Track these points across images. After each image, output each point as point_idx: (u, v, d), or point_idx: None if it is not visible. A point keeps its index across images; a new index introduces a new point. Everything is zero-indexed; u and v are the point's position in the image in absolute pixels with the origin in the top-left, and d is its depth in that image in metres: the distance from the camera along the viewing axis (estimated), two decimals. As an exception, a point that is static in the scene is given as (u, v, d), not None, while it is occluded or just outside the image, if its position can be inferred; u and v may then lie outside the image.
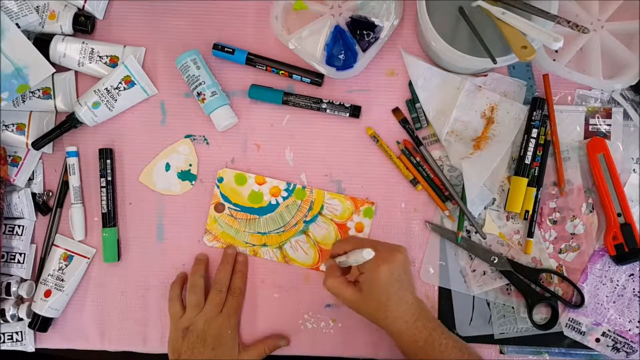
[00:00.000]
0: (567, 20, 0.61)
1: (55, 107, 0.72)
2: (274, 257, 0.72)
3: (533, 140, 0.69)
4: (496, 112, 0.71)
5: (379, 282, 0.61)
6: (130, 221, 0.74)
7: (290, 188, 0.72)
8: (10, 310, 0.71)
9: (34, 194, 0.73)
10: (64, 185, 0.73)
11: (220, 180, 0.73)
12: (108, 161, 0.72)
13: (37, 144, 0.70)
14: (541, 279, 0.70)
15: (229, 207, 0.73)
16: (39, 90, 0.71)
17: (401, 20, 0.71)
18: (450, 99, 0.71)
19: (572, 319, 0.70)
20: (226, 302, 0.70)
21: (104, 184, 0.72)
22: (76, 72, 0.73)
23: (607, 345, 0.70)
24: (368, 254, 0.59)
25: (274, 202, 0.73)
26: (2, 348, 0.71)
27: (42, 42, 0.70)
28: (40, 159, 0.74)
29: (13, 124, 0.71)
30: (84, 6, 0.72)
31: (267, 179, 0.72)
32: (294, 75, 0.72)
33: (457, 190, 0.71)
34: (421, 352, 0.62)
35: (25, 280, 0.72)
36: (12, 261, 0.72)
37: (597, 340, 0.70)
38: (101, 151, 0.72)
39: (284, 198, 0.72)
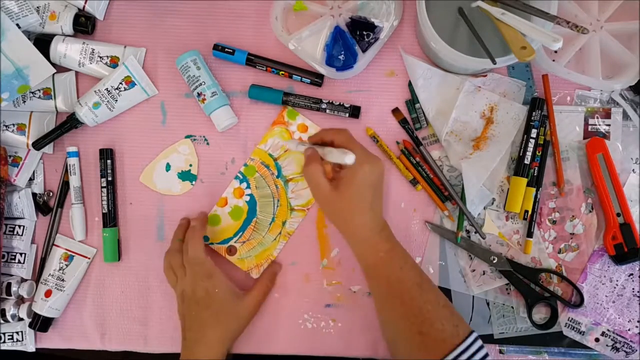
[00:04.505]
0: (566, 20, 0.61)
1: (56, 108, 0.72)
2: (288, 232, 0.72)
3: (532, 141, 0.69)
4: (495, 112, 0.71)
5: (358, 181, 0.60)
6: (131, 221, 0.74)
7: (241, 177, 0.73)
8: (10, 310, 0.71)
9: (34, 194, 0.73)
10: (65, 186, 0.74)
11: (207, 239, 0.72)
12: (108, 161, 0.73)
13: (38, 144, 0.70)
14: (541, 278, 0.70)
15: (235, 242, 0.73)
16: (39, 90, 0.72)
17: (401, 20, 0.71)
18: (450, 99, 0.71)
19: (572, 318, 0.71)
20: (190, 272, 0.66)
21: (104, 184, 0.72)
22: (77, 73, 0.73)
23: (607, 345, 0.70)
24: (350, 159, 0.57)
25: (247, 198, 0.73)
26: (3, 348, 0.71)
27: (42, 42, 0.70)
28: (40, 159, 0.74)
29: (14, 124, 0.71)
30: (84, 7, 0.72)
31: (224, 194, 0.73)
32: (293, 75, 0.72)
33: (457, 190, 0.71)
34: (381, 264, 0.61)
35: (26, 280, 0.73)
36: (13, 261, 0.72)
37: (597, 340, 0.70)
38: (102, 151, 0.73)
39: (248, 186, 0.73)
